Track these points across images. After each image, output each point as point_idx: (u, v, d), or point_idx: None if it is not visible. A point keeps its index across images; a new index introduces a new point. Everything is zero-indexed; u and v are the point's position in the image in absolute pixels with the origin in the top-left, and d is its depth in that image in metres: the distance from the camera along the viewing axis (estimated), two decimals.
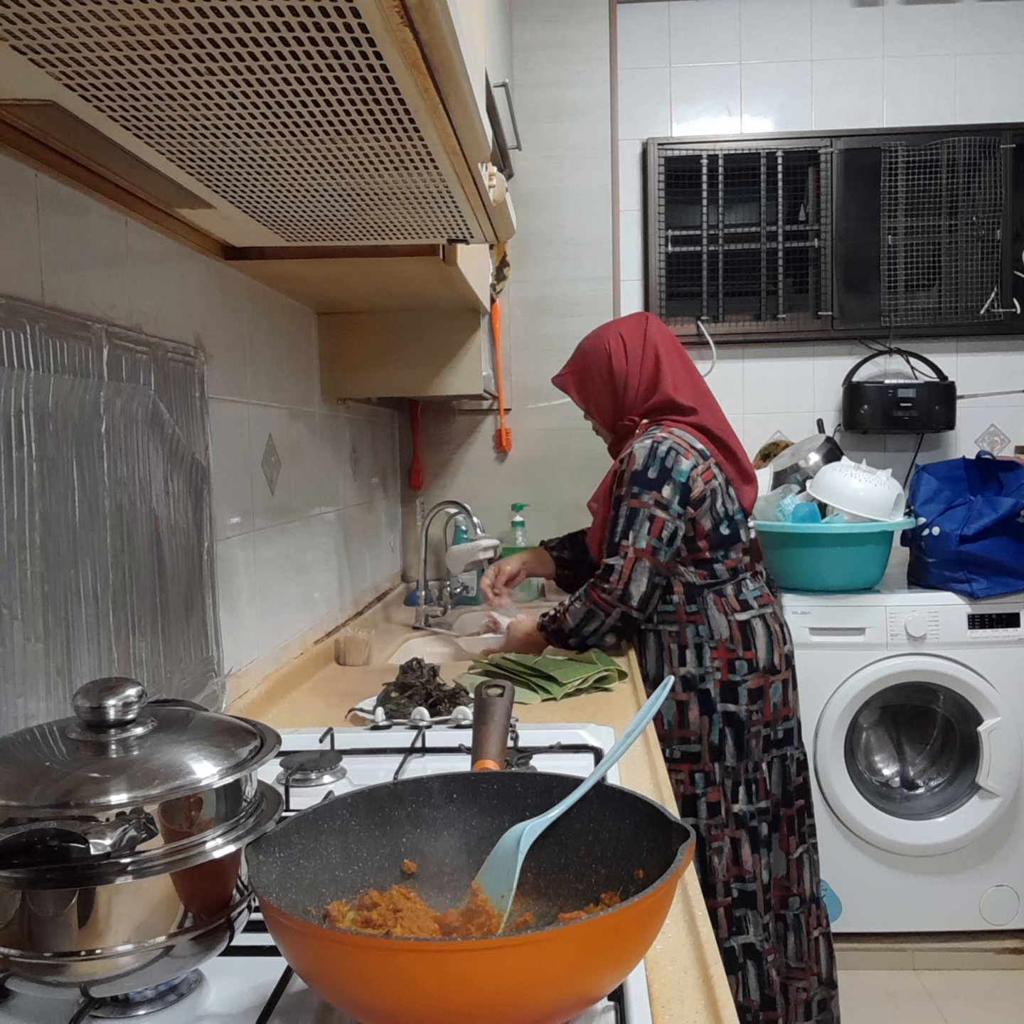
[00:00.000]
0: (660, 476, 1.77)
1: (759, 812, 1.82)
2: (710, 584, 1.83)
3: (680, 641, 1.83)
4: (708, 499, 1.81)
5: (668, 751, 1.81)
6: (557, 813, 0.76)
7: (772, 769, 1.85)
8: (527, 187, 2.72)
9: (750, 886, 1.80)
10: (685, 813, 1.79)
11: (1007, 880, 2.47)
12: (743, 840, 1.80)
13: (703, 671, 1.81)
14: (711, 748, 1.80)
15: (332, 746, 1.31)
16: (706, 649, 1.81)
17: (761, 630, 1.84)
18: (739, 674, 1.81)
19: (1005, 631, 2.40)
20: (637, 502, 1.77)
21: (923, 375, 2.92)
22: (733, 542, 1.85)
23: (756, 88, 2.93)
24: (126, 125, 0.87)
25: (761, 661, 1.83)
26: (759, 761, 1.83)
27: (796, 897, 1.87)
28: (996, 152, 2.84)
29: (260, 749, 0.73)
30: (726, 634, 1.81)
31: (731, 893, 1.80)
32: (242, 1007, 0.71)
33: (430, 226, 1.27)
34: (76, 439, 1.00)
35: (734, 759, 1.80)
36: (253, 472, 1.59)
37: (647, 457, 1.79)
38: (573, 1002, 0.61)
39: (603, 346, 1.94)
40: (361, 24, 0.67)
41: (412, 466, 2.82)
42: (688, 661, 1.82)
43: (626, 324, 1.97)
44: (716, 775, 1.80)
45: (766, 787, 1.83)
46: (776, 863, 1.85)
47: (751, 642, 1.83)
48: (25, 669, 0.91)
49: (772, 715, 1.84)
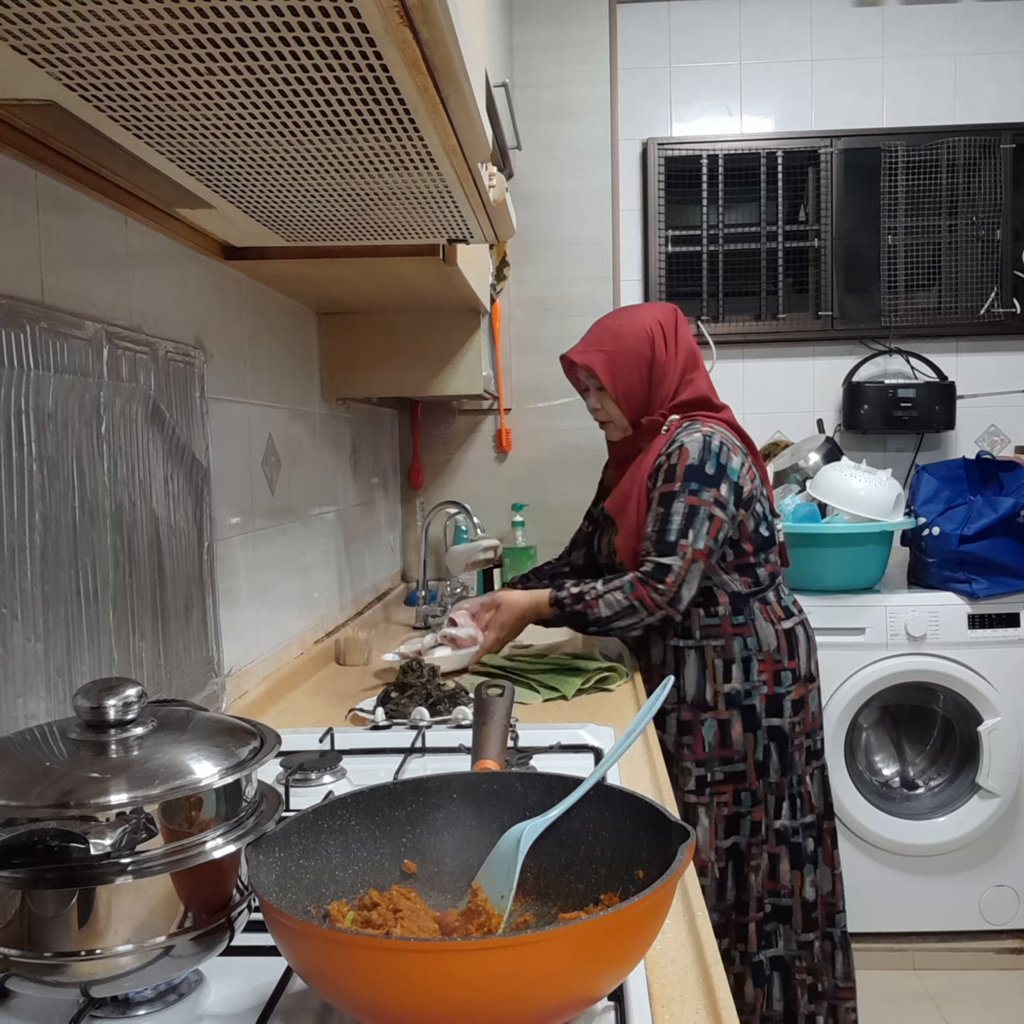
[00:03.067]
0: (717, 473, 1.65)
1: (804, 827, 1.74)
2: (755, 592, 1.73)
3: (726, 656, 1.70)
4: (753, 499, 1.72)
5: (709, 774, 1.70)
6: (557, 813, 0.76)
7: (814, 781, 1.77)
8: (527, 187, 2.72)
9: (784, 901, 1.73)
10: (728, 832, 1.70)
11: (1007, 880, 2.47)
12: (782, 856, 1.73)
13: (749, 686, 1.70)
14: (756, 765, 1.70)
15: (332, 746, 1.31)
16: (754, 662, 1.70)
17: (802, 637, 1.76)
18: (784, 686, 1.72)
19: (1005, 631, 2.39)
20: (696, 499, 1.63)
21: (923, 375, 2.92)
22: (771, 544, 1.76)
23: (756, 88, 2.93)
24: (126, 125, 0.87)
25: (802, 670, 1.75)
26: (803, 774, 1.74)
27: (843, 914, 1.79)
28: (996, 152, 2.84)
29: (260, 749, 0.73)
30: (773, 644, 1.71)
31: (764, 908, 1.73)
32: (242, 1007, 0.71)
33: (430, 226, 1.27)
34: (76, 439, 1.00)
35: (778, 774, 1.72)
36: (253, 472, 1.59)
37: (702, 451, 1.66)
38: (573, 1002, 0.61)
39: (644, 332, 1.74)
40: (361, 24, 0.67)
41: (412, 466, 2.82)
42: (734, 677, 1.70)
43: (660, 312, 1.79)
44: (760, 792, 1.71)
45: (811, 800, 1.75)
46: (822, 879, 1.76)
47: (795, 651, 1.74)
48: (25, 669, 0.91)
49: (811, 725, 1.76)
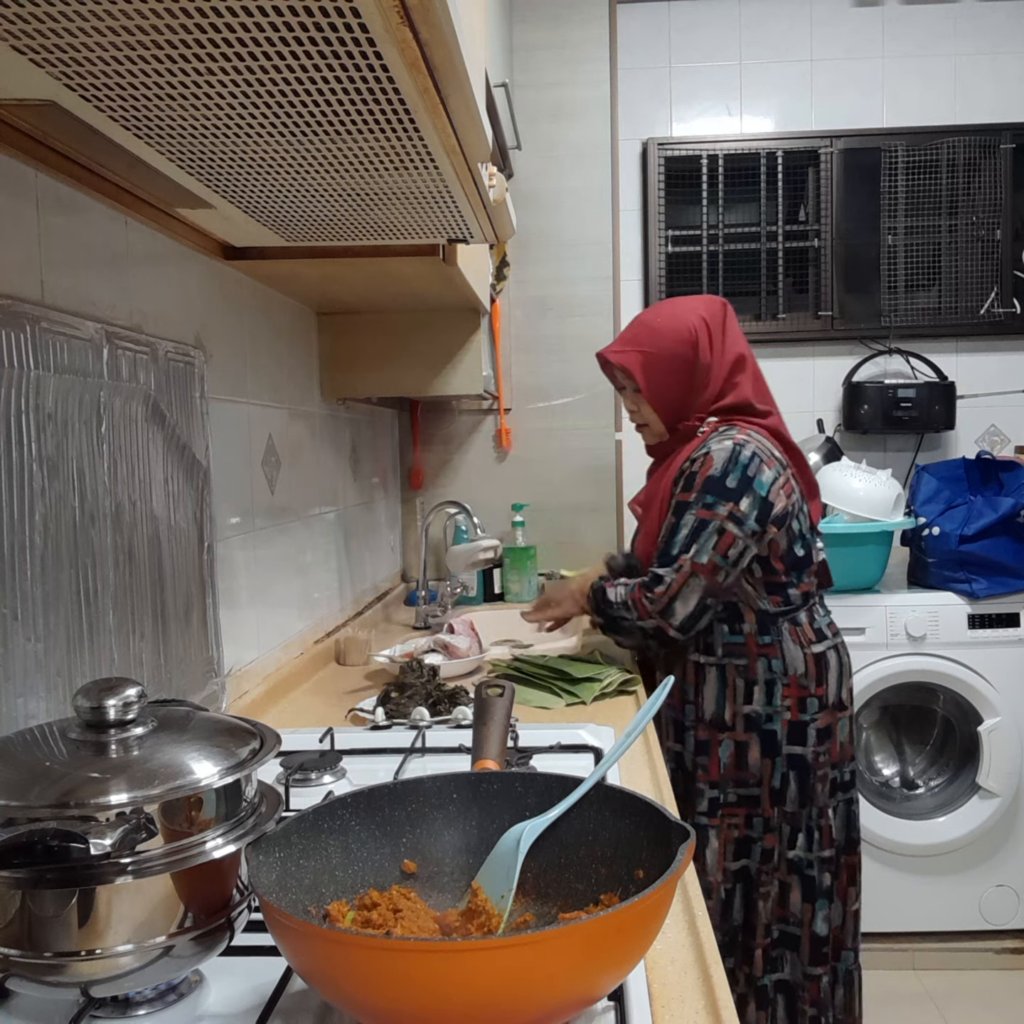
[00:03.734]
0: (740, 486, 1.57)
1: (821, 861, 1.66)
2: (784, 611, 1.65)
3: (748, 676, 1.63)
4: (788, 516, 1.63)
5: (721, 795, 1.65)
6: (557, 813, 0.76)
7: (836, 814, 1.68)
8: (527, 187, 2.72)
9: (793, 929, 1.68)
10: (738, 856, 1.66)
11: (1007, 880, 2.47)
12: (793, 886, 1.67)
13: (771, 710, 1.63)
14: (772, 792, 1.64)
15: (332, 746, 1.31)
16: (778, 686, 1.63)
17: (834, 662, 1.68)
18: (809, 713, 1.64)
19: (1005, 631, 2.39)
20: (708, 513, 1.57)
21: (923, 375, 2.92)
22: (807, 564, 1.67)
23: (756, 88, 2.93)
24: (126, 125, 0.87)
25: (831, 697, 1.67)
26: (824, 807, 1.66)
27: (850, 952, 1.71)
28: (996, 152, 2.84)
29: (260, 749, 0.73)
30: (801, 669, 1.64)
31: (771, 934, 1.68)
32: (242, 1007, 0.71)
33: (430, 226, 1.27)
34: (76, 439, 1.00)
35: (795, 804, 1.64)
36: (253, 472, 1.59)
37: (727, 462, 1.58)
38: (573, 1002, 0.61)
39: (687, 332, 1.65)
40: (361, 24, 0.67)
41: (412, 466, 2.82)
42: (755, 699, 1.63)
43: (706, 308, 1.69)
44: (775, 820, 1.65)
45: (830, 835, 1.67)
46: (834, 914, 1.70)
47: (824, 676, 1.66)
48: (25, 669, 0.91)
49: (839, 756, 1.68)
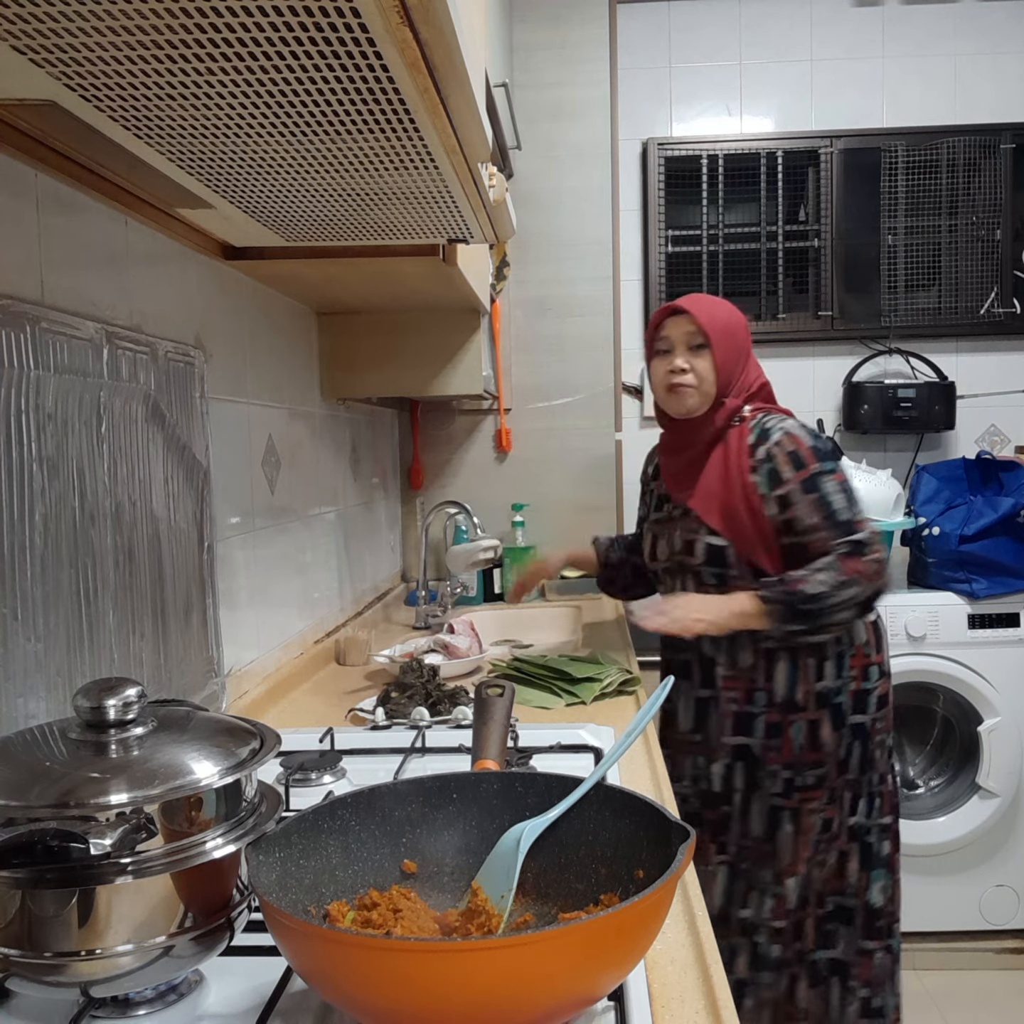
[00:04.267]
0: (832, 452, 1.62)
1: (880, 829, 1.65)
2: None
3: (820, 653, 1.61)
4: None
5: (798, 778, 1.63)
6: (557, 813, 0.76)
7: (894, 780, 1.70)
8: (527, 187, 2.72)
9: (849, 901, 1.66)
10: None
11: (1007, 880, 2.47)
12: (851, 854, 1.66)
13: (840, 683, 1.62)
14: (838, 764, 1.64)
15: (332, 746, 1.31)
16: (846, 658, 1.62)
17: (884, 631, 1.71)
18: (871, 680, 1.64)
19: (1005, 631, 2.40)
20: (839, 476, 1.57)
21: (923, 375, 2.92)
22: None
23: (756, 88, 2.93)
24: (126, 125, 0.87)
25: (886, 664, 1.68)
26: (884, 773, 1.67)
27: (898, 924, 1.72)
28: (996, 152, 2.84)
29: (260, 749, 0.73)
30: (863, 638, 1.64)
31: (825, 906, 1.66)
32: (242, 1007, 0.71)
33: (430, 226, 1.27)
34: (76, 439, 1.00)
35: (857, 771, 1.65)
36: (253, 472, 1.59)
37: (807, 434, 1.61)
38: (573, 1002, 0.61)
39: (742, 321, 1.73)
40: (361, 24, 0.67)
41: (412, 466, 2.82)
42: (826, 675, 1.62)
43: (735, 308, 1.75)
44: (839, 790, 1.65)
45: (890, 800, 1.67)
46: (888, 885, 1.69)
47: (881, 644, 1.67)
48: (25, 669, 0.91)
49: (890, 723, 1.69)
